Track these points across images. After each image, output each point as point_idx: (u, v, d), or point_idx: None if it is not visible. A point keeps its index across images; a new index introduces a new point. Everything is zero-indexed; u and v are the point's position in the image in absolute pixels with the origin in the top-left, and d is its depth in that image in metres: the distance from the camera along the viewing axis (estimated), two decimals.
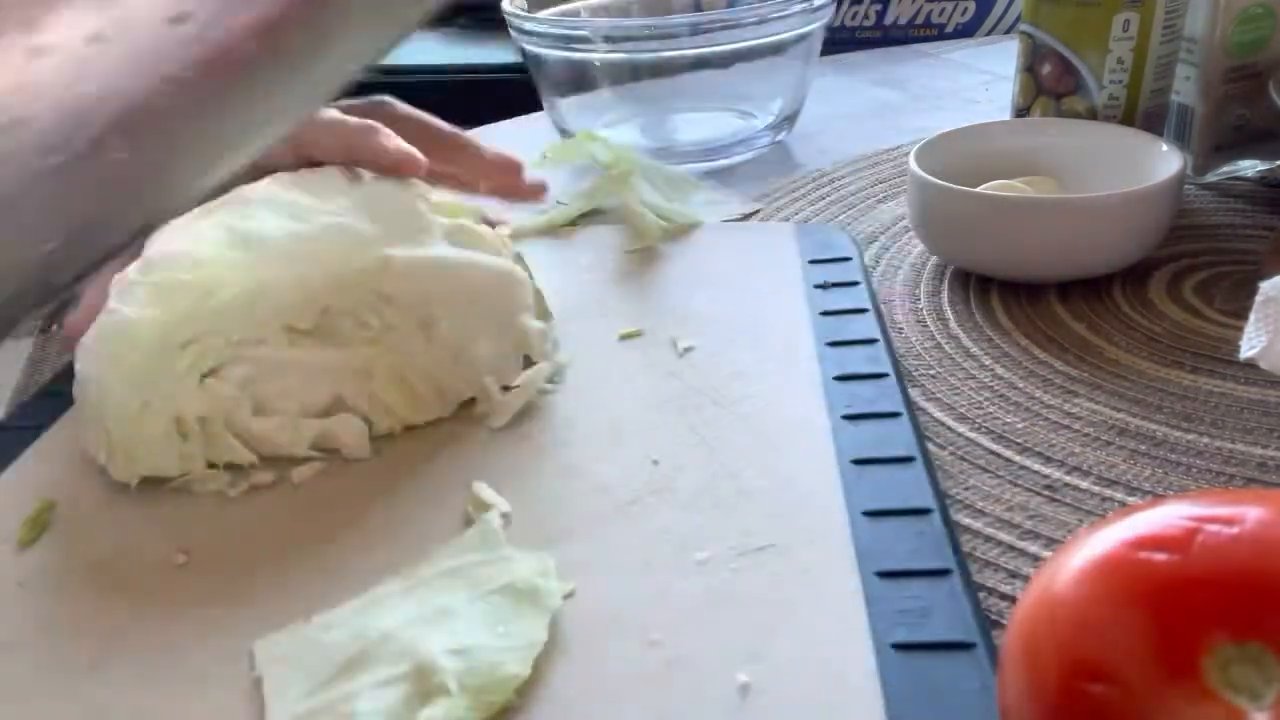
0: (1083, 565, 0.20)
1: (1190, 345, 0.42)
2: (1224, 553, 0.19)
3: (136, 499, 0.36)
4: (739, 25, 0.62)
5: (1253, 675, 0.18)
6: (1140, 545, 0.19)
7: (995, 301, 0.46)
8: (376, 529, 0.34)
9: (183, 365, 0.35)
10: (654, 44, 0.63)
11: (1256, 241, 0.49)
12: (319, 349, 0.37)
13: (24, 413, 0.43)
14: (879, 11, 1.07)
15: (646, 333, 0.44)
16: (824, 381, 0.39)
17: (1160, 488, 0.34)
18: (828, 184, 0.62)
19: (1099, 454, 0.36)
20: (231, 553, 0.33)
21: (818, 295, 0.45)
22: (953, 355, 0.43)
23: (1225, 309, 0.44)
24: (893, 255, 0.52)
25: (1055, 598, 0.20)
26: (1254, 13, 0.51)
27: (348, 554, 0.32)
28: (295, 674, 0.27)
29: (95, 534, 0.34)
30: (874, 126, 0.73)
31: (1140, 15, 0.50)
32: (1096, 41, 0.51)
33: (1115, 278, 0.47)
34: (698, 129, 0.70)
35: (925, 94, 0.79)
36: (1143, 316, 0.44)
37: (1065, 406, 0.39)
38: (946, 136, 0.51)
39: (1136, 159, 0.48)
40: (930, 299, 0.47)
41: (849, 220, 0.57)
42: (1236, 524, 0.19)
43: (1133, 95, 0.52)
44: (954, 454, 0.37)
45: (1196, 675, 0.18)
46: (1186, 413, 0.37)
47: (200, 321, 0.35)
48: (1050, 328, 0.44)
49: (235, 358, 0.36)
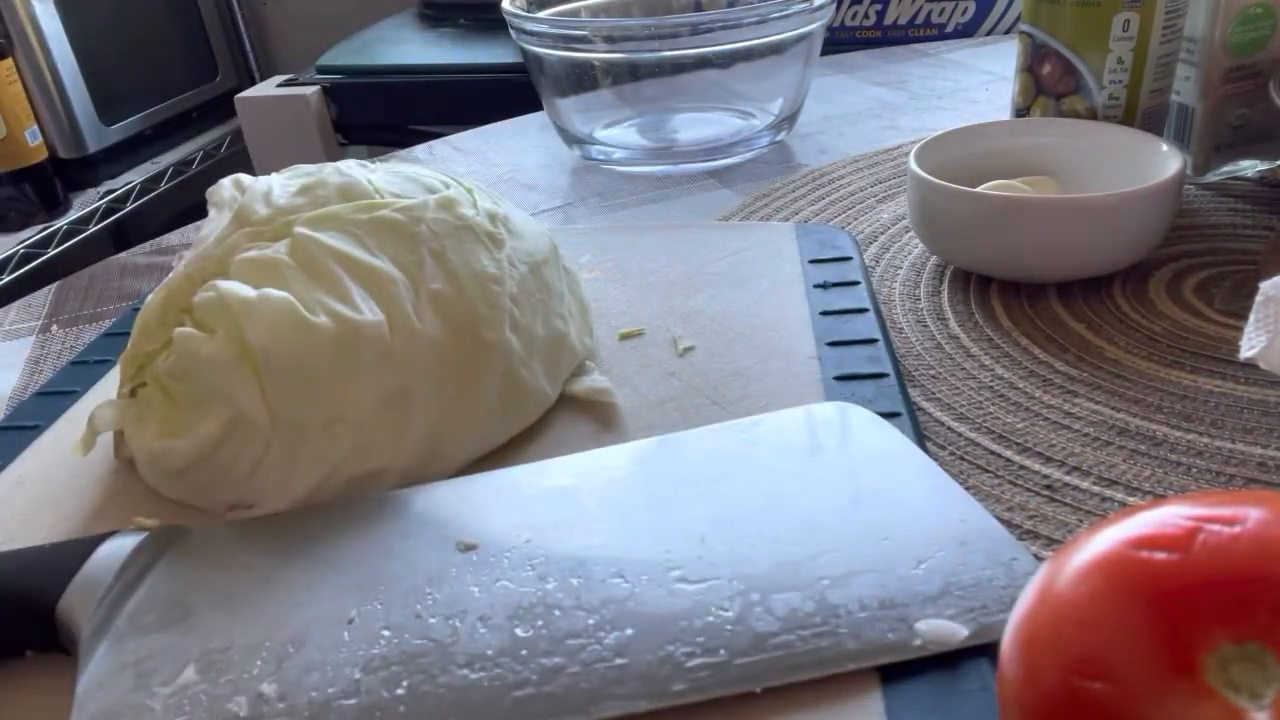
0: (1083, 565, 0.20)
1: (1190, 345, 0.42)
2: (1224, 552, 0.19)
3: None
4: (739, 25, 0.62)
5: (1253, 674, 0.18)
6: (1141, 545, 0.19)
7: (995, 301, 0.46)
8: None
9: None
10: (654, 44, 0.63)
11: (1256, 241, 0.49)
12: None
13: (24, 413, 0.43)
14: (879, 11, 1.07)
15: (646, 333, 0.44)
16: (824, 381, 0.39)
17: (1160, 488, 0.34)
18: (828, 184, 0.62)
19: (1099, 454, 0.36)
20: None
21: (818, 295, 0.46)
22: (953, 355, 0.43)
23: (1225, 309, 0.44)
24: (893, 255, 0.52)
25: (1055, 597, 0.20)
26: (1254, 13, 0.51)
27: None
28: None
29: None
30: (874, 126, 0.73)
31: (1140, 15, 0.50)
32: (1096, 41, 0.51)
33: (1115, 278, 0.47)
34: (698, 129, 0.70)
35: (925, 94, 0.79)
36: (1143, 316, 0.44)
37: (1065, 406, 0.39)
38: (946, 136, 0.51)
39: (1136, 159, 0.48)
40: (930, 299, 0.47)
41: (849, 220, 0.57)
42: (1237, 524, 0.19)
43: (1133, 95, 0.52)
44: (954, 454, 0.37)
45: (1196, 674, 0.18)
46: (1186, 413, 0.37)
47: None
48: (1050, 328, 0.44)
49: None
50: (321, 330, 0.34)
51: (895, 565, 0.28)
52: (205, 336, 0.35)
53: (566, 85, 0.67)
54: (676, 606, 0.28)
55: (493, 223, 0.40)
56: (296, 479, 0.34)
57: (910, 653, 0.26)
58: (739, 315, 0.45)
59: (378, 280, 0.36)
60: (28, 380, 0.50)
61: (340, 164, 0.41)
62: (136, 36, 1.68)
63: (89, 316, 0.57)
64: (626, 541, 0.30)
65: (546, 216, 0.62)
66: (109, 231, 1.59)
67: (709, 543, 0.30)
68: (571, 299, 0.43)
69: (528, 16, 0.65)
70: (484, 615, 0.28)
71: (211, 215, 0.41)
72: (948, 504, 0.31)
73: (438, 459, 0.36)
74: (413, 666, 0.27)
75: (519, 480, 0.34)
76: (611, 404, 0.39)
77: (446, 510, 0.33)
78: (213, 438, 0.35)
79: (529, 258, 0.40)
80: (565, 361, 0.41)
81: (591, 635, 0.27)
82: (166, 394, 0.36)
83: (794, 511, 0.31)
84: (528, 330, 0.39)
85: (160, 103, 1.71)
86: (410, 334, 0.35)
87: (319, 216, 0.37)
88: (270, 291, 0.35)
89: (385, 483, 0.35)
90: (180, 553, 0.32)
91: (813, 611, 0.27)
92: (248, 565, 0.31)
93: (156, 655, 0.28)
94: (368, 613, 0.29)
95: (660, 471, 0.34)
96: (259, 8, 1.98)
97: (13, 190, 1.45)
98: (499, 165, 0.73)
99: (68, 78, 1.50)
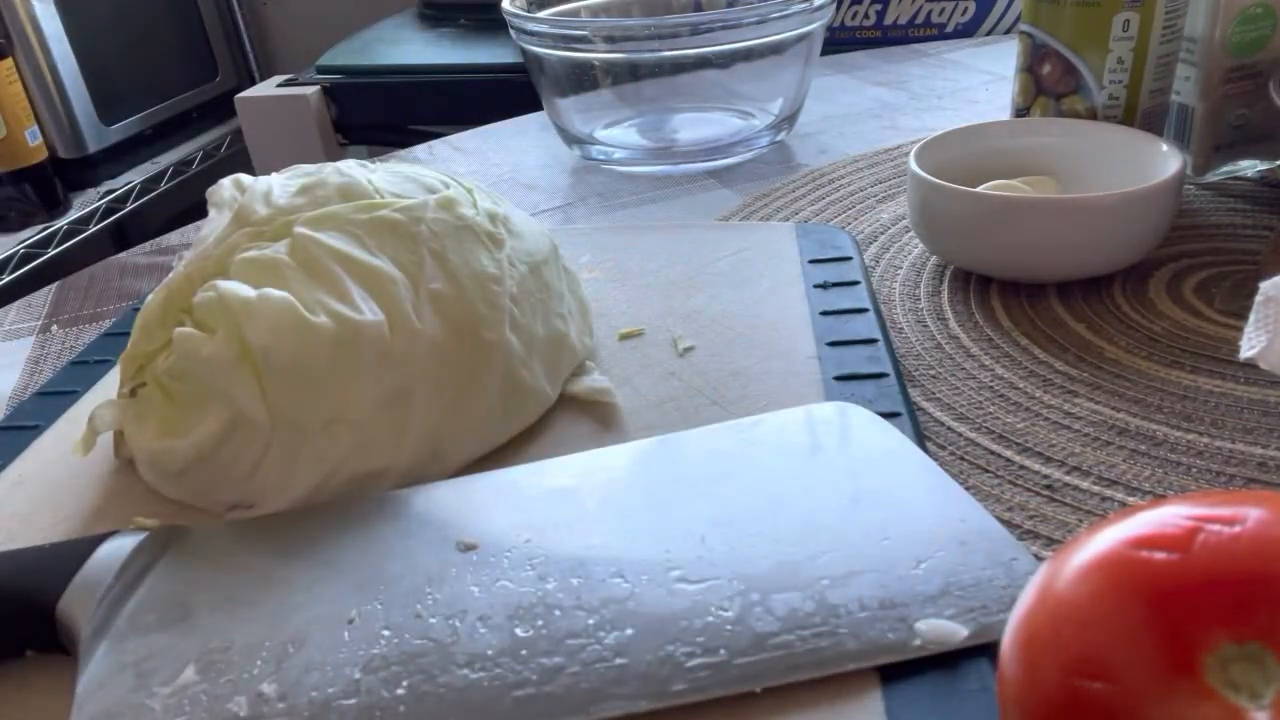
0: (1083, 564, 0.20)
1: (1190, 345, 0.42)
2: (1224, 552, 0.19)
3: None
4: (739, 25, 0.62)
5: (1253, 674, 0.18)
6: (1141, 544, 0.19)
7: (995, 301, 0.46)
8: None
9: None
10: (654, 44, 0.63)
11: (1256, 241, 0.49)
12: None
13: (24, 413, 0.43)
14: (879, 11, 1.07)
15: (646, 333, 0.44)
16: (824, 381, 0.39)
17: (1160, 488, 0.34)
18: (828, 184, 0.62)
19: (1099, 454, 0.36)
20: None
21: (818, 295, 0.46)
22: (953, 355, 0.43)
23: (1225, 309, 0.44)
24: (893, 255, 0.52)
25: (1055, 597, 0.20)
26: (1254, 13, 0.51)
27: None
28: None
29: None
30: (874, 126, 0.73)
31: (1140, 15, 0.50)
32: (1096, 41, 0.51)
33: (1115, 278, 0.47)
34: (698, 129, 0.70)
35: (925, 94, 0.79)
36: (1143, 316, 0.44)
37: (1065, 406, 0.39)
38: (946, 136, 0.51)
39: (1136, 159, 0.48)
40: (930, 299, 0.47)
41: (849, 220, 0.57)
42: (1237, 524, 0.19)
43: (1133, 95, 0.52)
44: (954, 454, 0.37)
45: (1196, 674, 0.18)
46: (1186, 413, 0.37)
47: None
48: (1050, 328, 0.44)
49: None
50: (321, 330, 0.34)
51: (895, 565, 0.28)
52: (205, 336, 0.35)
53: (566, 85, 0.67)
54: (676, 606, 0.28)
55: (493, 223, 0.40)
56: (296, 479, 0.34)
57: (910, 653, 0.26)
58: (739, 315, 0.45)
59: (378, 280, 0.36)
60: (28, 380, 0.50)
61: (340, 164, 0.41)
62: (136, 36, 1.68)
63: (89, 316, 0.57)
64: (626, 541, 0.30)
65: (546, 216, 0.62)
66: (109, 231, 1.59)
67: (709, 543, 0.30)
68: (571, 299, 0.43)
69: (528, 16, 0.65)
70: (484, 615, 0.28)
71: (211, 215, 0.41)
72: (948, 504, 0.31)
73: (438, 459, 0.36)
74: (413, 666, 0.27)
75: (519, 480, 0.34)
76: (611, 404, 0.39)
77: (446, 510, 0.33)
78: (213, 438, 0.35)
79: (529, 258, 0.40)
80: (565, 361, 0.41)
81: (591, 635, 0.27)
82: (166, 394, 0.36)
83: (794, 511, 0.31)
84: (528, 330, 0.39)
85: (160, 103, 1.71)
86: (410, 334, 0.35)
87: (319, 216, 0.37)
88: (270, 291, 0.35)
89: (385, 483, 0.35)
90: (180, 553, 0.32)
91: (813, 611, 0.27)
92: (248, 565, 0.31)
93: (156, 655, 0.28)
94: (368, 613, 0.29)
95: (660, 471, 0.34)
96: (259, 8, 1.98)
97: (13, 190, 1.46)
98: (499, 165, 0.73)
99: (68, 78, 1.50)
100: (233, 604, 0.30)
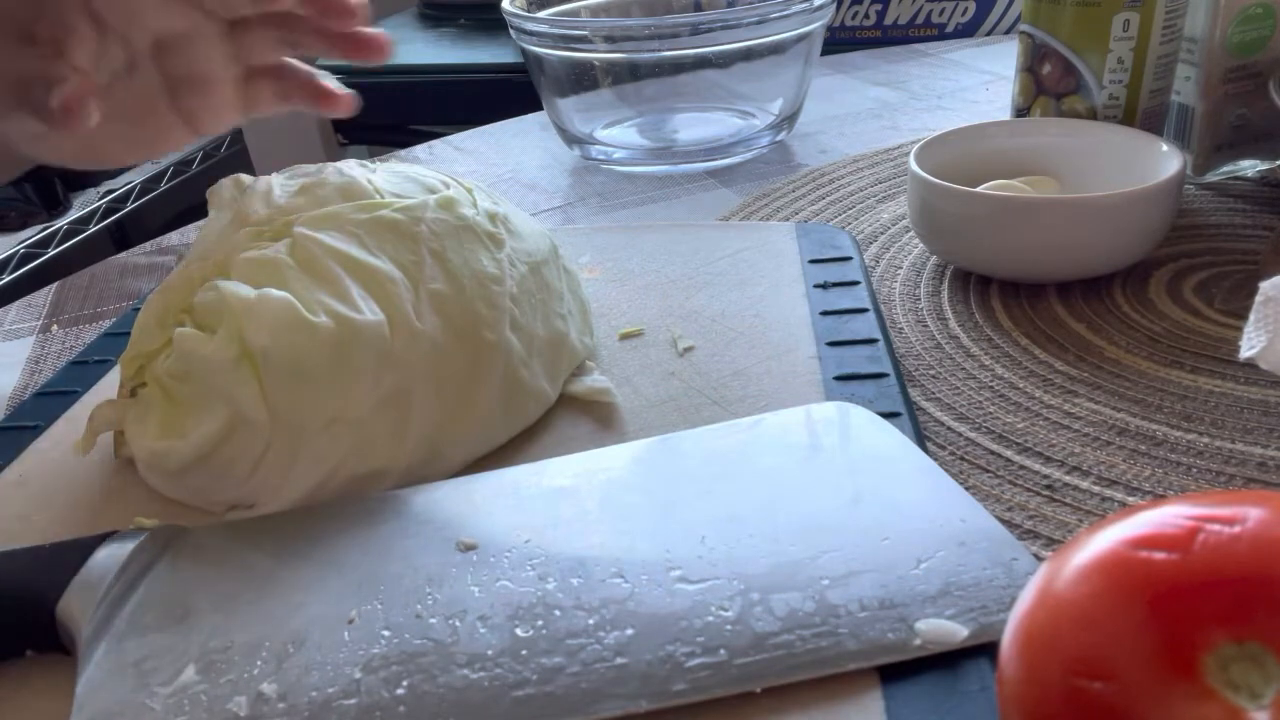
0: (1083, 564, 0.20)
1: (1190, 345, 0.42)
2: (1224, 552, 0.19)
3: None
4: (739, 25, 0.62)
5: (1252, 674, 0.18)
6: (1141, 544, 0.19)
7: (995, 301, 0.46)
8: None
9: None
10: (654, 44, 0.63)
11: (1256, 241, 0.49)
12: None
13: (24, 413, 0.43)
14: (879, 11, 1.07)
15: (646, 333, 0.44)
16: (824, 381, 0.39)
17: (1160, 488, 0.34)
18: (828, 184, 0.62)
19: (1099, 454, 0.36)
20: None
21: (818, 295, 0.46)
22: (953, 355, 0.43)
23: (1225, 309, 0.44)
24: (893, 255, 0.52)
25: (1055, 597, 0.20)
26: (1254, 13, 0.51)
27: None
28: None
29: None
30: (874, 126, 0.73)
31: (1140, 15, 0.50)
32: (1096, 41, 0.51)
33: (1115, 278, 0.47)
34: (698, 129, 0.70)
35: (925, 94, 0.79)
36: (1143, 316, 0.44)
37: (1065, 406, 0.39)
38: (946, 136, 0.51)
39: (1136, 159, 0.48)
40: (930, 299, 0.47)
41: (849, 220, 0.57)
42: (1237, 524, 0.19)
43: (1133, 95, 0.52)
44: (954, 454, 0.37)
45: (1196, 674, 0.18)
46: (1186, 413, 0.37)
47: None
48: (1050, 328, 0.44)
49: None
50: (321, 330, 0.34)
51: (895, 565, 0.28)
52: (205, 336, 0.35)
53: (566, 85, 0.67)
54: (676, 606, 0.28)
55: (493, 223, 0.40)
56: (296, 479, 0.34)
57: (910, 653, 0.26)
58: (739, 315, 0.45)
59: (378, 280, 0.36)
60: (28, 380, 0.50)
61: (340, 164, 0.41)
62: None
63: (89, 316, 0.57)
64: (626, 541, 0.30)
65: (546, 216, 0.62)
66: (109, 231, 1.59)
67: (709, 542, 0.30)
68: (571, 299, 0.43)
69: (528, 16, 0.65)
70: (484, 615, 0.28)
71: (211, 215, 0.41)
72: (948, 504, 0.31)
73: (438, 459, 0.36)
74: (413, 666, 0.27)
75: (519, 480, 0.34)
76: (611, 404, 0.39)
77: (446, 510, 0.33)
78: (213, 438, 0.35)
79: (529, 258, 0.40)
80: (565, 361, 0.41)
81: (591, 635, 0.27)
82: (166, 394, 0.36)
83: (794, 511, 0.31)
84: (528, 330, 0.39)
85: None
86: (410, 334, 0.35)
87: (319, 216, 0.37)
88: (270, 291, 0.35)
89: (385, 483, 0.35)
90: (180, 553, 0.32)
91: (813, 611, 0.27)
92: (248, 565, 0.31)
93: (156, 655, 0.28)
94: (368, 612, 0.29)
95: (660, 471, 0.34)
96: None
97: (13, 190, 1.45)
98: (499, 165, 0.73)
99: None
100: (233, 604, 0.30)
